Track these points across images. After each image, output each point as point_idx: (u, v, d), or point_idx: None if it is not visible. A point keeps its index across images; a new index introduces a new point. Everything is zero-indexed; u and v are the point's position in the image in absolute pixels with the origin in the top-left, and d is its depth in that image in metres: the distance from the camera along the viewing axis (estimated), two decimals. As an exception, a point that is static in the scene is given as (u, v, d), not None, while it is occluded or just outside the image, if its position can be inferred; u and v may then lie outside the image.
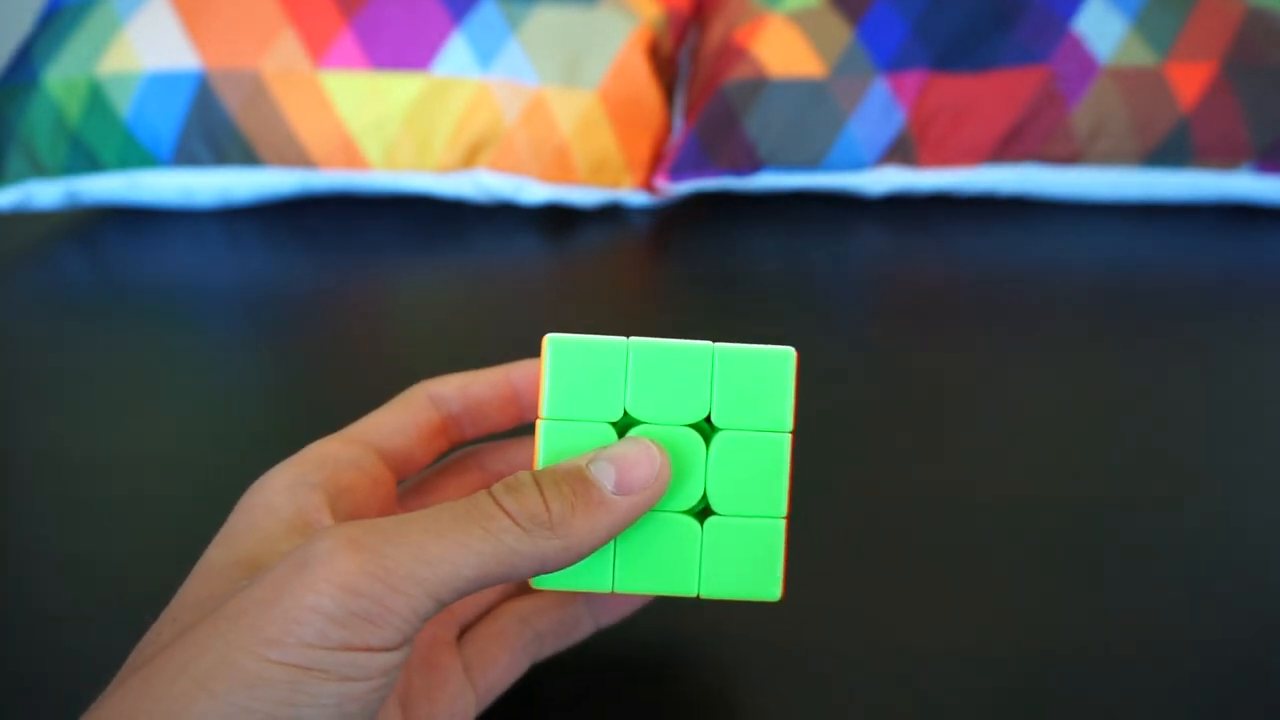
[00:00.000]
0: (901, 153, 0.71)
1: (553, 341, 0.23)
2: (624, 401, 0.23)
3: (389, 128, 0.69)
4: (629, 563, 0.23)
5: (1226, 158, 0.70)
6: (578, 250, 0.65)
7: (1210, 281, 0.60)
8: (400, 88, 0.69)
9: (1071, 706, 0.28)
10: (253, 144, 0.69)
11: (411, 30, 0.69)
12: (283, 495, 0.23)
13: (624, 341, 0.23)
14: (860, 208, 0.72)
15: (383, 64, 0.69)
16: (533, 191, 0.70)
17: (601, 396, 0.23)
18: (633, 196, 0.72)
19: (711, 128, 0.70)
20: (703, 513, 0.24)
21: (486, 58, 0.69)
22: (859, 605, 0.32)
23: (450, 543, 0.19)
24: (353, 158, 0.69)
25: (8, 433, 0.44)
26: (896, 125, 0.70)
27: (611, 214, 0.72)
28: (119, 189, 0.70)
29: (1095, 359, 0.50)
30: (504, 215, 0.71)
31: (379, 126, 0.69)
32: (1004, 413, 0.44)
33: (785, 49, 0.70)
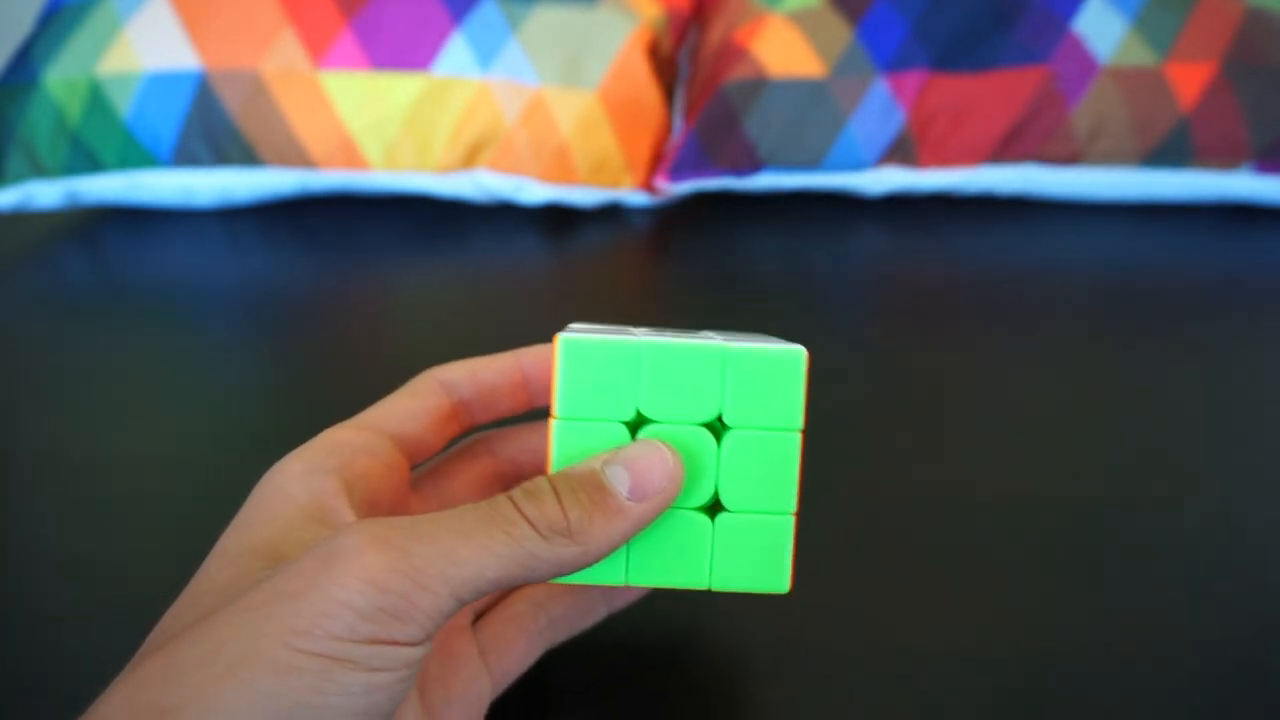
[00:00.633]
0: (901, 153, 0.71)
1: (565, 342, 0.23)
2: (637, 401, 0.23)
3: (389, 128, 0.69)
4: (642, 556, 0.24)
5: (1226, 158, 0.70)
6: (578, 250, 0.65)
7: (1210, 281, 0.60)
8: (400, 88, 0.68)
9: (1071, 706, 0.28)
10: (253, 144, 0.69)
11: (411, 30, 0.69)
12: (298, 482, 0.23)
13: (636, 342, 0.23)
14: (860, 208, 0.72)
15: (383, 64, 0.69)
16: (533, 191, 0.70)
17: (614, 396, 0.23)
18: (633, 196, 0.72)
19: (711, 128, 0.70)
20: (713, 508, 0.24)
21: (486, 58, 0.69)
22: (859, 605, 0.32)
23: (475, 545, 0.20)
24: (353, 158, 0.69)
25: (8, 433, 0.44)
26: (896, 125, 0.70)
27: (611, 214, 0.72)
28: (119, 189, 0.70)
29: (1095, 359, 0.50)
30: (504, 215, 0.71)
31: (379, 126, 0.69)
32: (1004, 413, 0.45)
33: (785, 49, 0.70)
